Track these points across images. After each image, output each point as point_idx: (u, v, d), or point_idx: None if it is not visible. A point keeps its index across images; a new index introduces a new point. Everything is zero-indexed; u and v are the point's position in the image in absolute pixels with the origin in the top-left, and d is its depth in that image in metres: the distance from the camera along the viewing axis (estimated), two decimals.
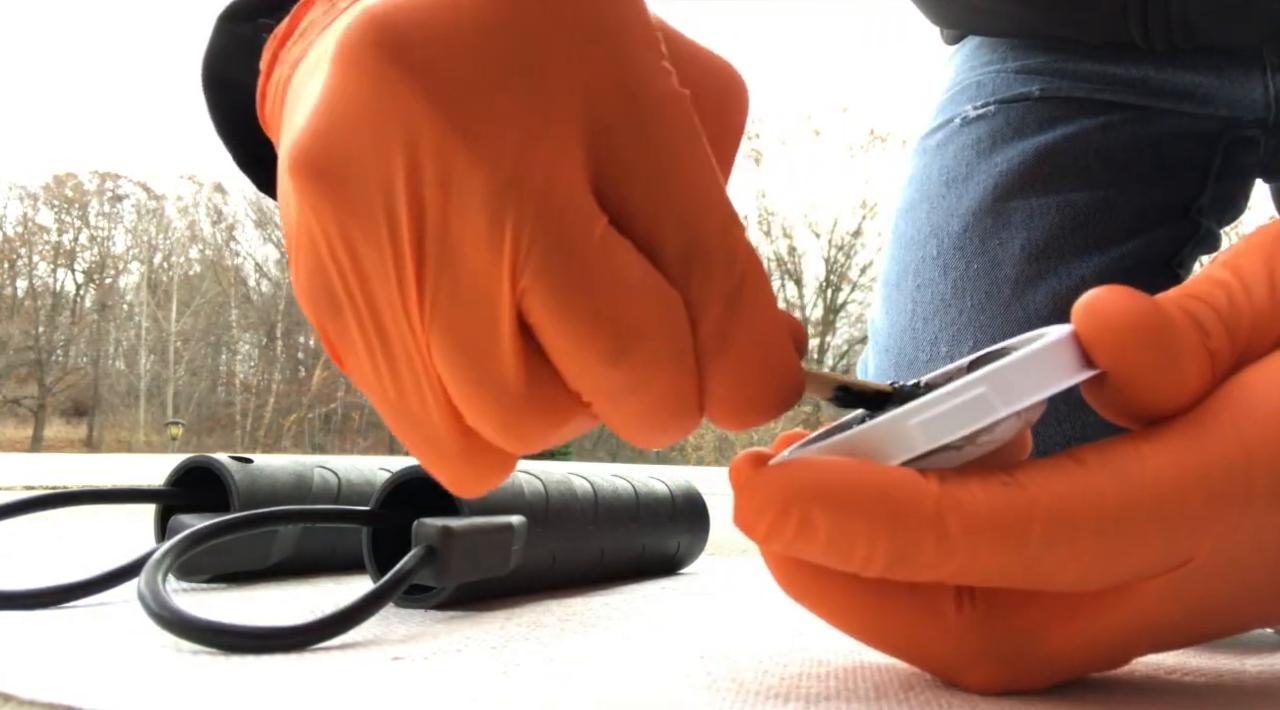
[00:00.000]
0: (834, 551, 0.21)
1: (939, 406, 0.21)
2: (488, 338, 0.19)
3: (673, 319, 0.19)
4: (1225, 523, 0.21)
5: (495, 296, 0.18)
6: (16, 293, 28.69)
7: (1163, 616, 0.23)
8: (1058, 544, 0.21)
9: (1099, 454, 0.22)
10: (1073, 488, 0.21)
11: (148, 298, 29.24)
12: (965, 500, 0.21)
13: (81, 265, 29.62)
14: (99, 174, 30.69)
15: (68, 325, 29.17)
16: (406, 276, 0.19)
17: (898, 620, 0.24)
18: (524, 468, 0.46)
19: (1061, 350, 0.22)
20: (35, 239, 29.50)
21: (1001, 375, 0.21)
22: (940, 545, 0.21)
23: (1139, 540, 0.21)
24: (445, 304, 0.19)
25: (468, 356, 0.19)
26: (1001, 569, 0.21)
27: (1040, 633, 0.23)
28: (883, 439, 0.22)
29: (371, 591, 0.33)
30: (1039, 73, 0.58)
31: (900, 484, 0.21)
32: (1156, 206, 0.55)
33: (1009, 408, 0.21)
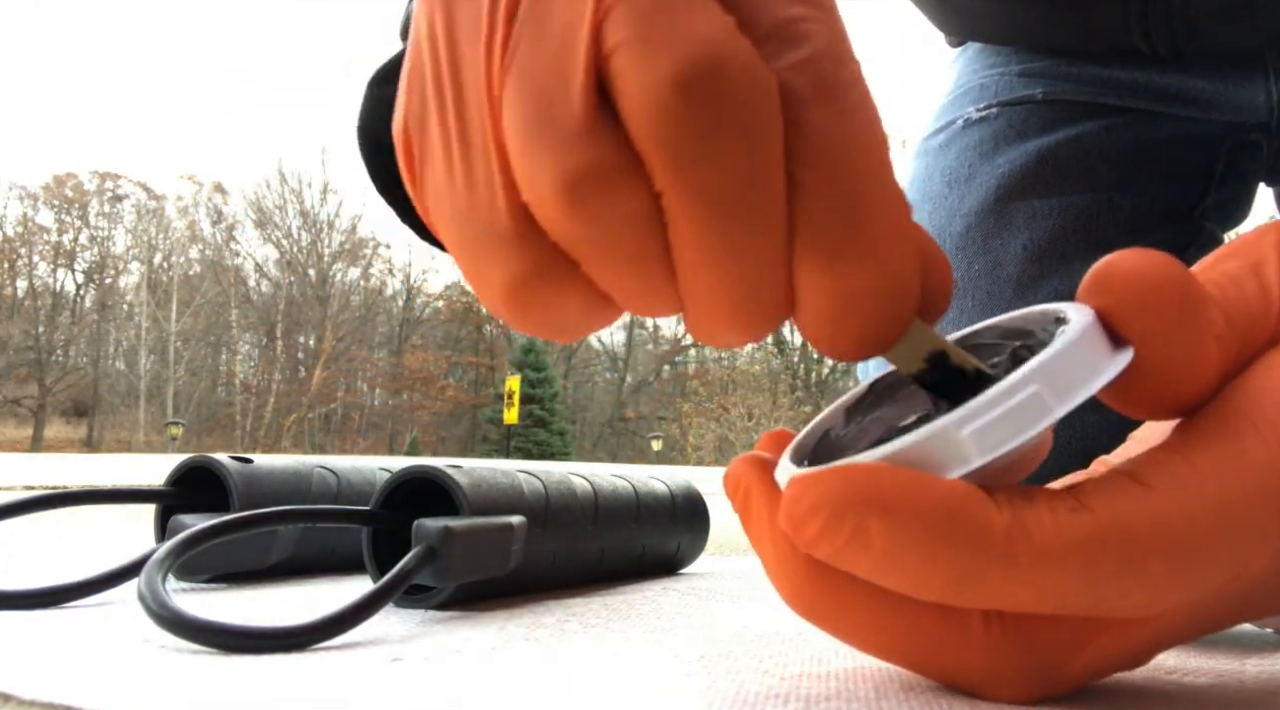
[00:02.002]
0: (888, 568, 0.20)
1: (990, 413, 0.19)
2: (561, 72, 0.18)
3: (755, 85, 0.17)
4: (1275, 532, 0.20)
5: (577, 25, 0.18)
6: (16, 293, 28.71)
7: (1197, 623, 0.23)
8: (1128, 570, 0.20)
9: (1158, 473, 0.21)
10: (1140, 511, 0.20)
11: (148, 298, 29.24)
12: (1034, 527, 0.20)
13: (81, 265, 29.65)
14: (99, 174, 30.70)
15: (68, 325, 29.18)
16: (498, 21, 0.19)
17: (923, 641, 0.23)
18: (524, 468, 0.46)
19: (1095, 331, 0.21)
20: (35, 239, 29.52)
21: (1051, 369, 0.20)
22: (1007, 574, 0.20)
23: (1206, 560, 0.20)
24: (529, 41, 0.18)
25: (537, 95, 0.18)
26: (1069, 598, 0.20)
27: (1071, 649, 0.22)
28: (934, 451, 0.20)
29: (371, 591, 0.32)
30: (1042, 76, 0.58)
31: (968, 505, 0.20)
32: (1159, 209, 0.55)
33: (1065, 405, 0.20)
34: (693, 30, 0.17)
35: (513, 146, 0.18)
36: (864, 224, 0.18)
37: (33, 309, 28.73)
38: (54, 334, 29.10)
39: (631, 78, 0.17)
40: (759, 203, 0.18)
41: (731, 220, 0.18)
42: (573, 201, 0.18)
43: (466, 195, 0.19)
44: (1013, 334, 0.24)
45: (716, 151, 0.17)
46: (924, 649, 0.23)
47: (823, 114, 0.18)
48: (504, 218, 0.19)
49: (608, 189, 0.18)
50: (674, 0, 0.17)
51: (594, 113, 0.18)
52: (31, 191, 29.86)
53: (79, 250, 30.05)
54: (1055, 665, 0.23)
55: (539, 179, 0.18)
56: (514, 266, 0.19)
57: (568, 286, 0.19)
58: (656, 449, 24.82)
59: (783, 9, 0.18)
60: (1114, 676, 0.28)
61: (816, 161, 0.18)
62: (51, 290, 29.68)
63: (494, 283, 0.20)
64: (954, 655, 0.23)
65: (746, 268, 0.18)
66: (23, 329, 28.25)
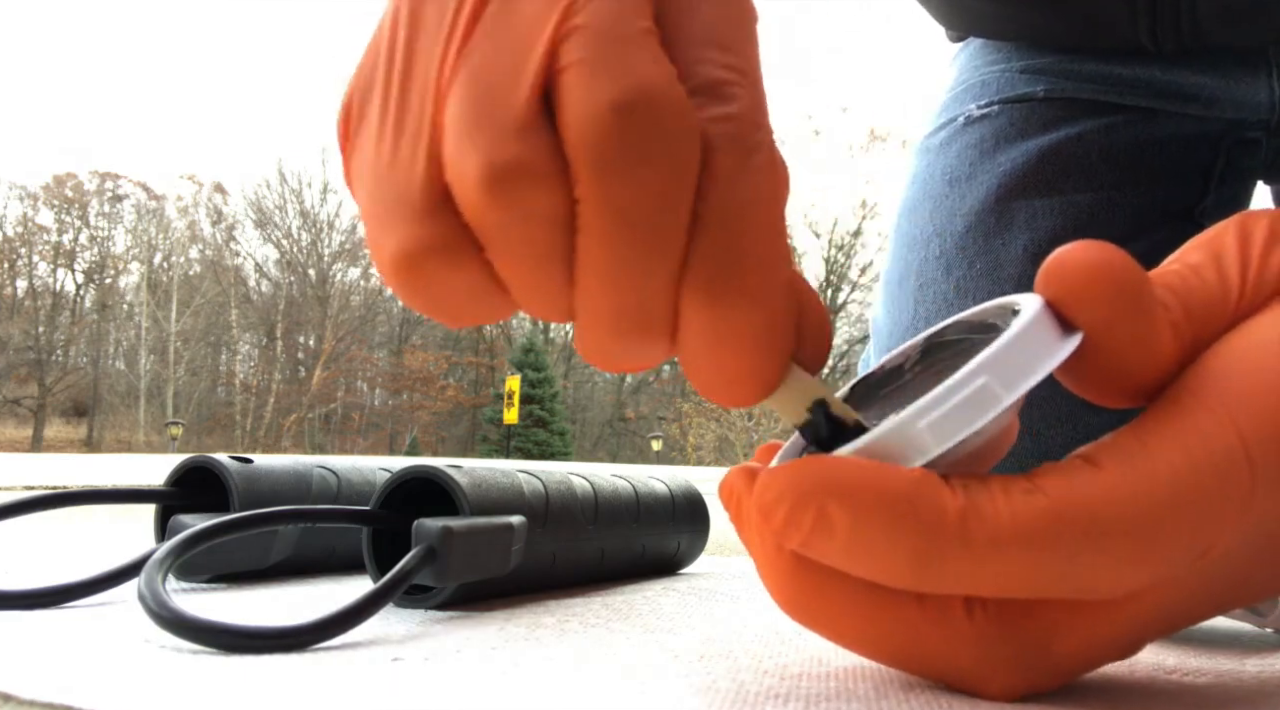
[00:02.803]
0: (852, 553, 0.21)
1: (943, 405, 0.21)
2: (512, 73, 0.20)
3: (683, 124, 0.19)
4: (1237, 506, 0.21)
5: (535, 39, 0.20)
6: (16, 293, 28.70)
7: (1177, 605, 0.23)
8: (1086, 550, 0.21)
9: (1110, 454, 0.22)
10: (1094, 491, 0.21)
11: (148, 298, 29.23)
12: (988, 510, 0.21)
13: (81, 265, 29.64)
14: (99, 174, 30.68)
15: (68, 325, 29.17)
16: (461, 21, 0.20)
17: (907, 635, 0.24)
18: (524, 468, 0.46)
19: (1045, 320, 0.22)
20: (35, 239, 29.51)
21: (998, 360, 0.21)
22: (964, 556, 0.21)
23: (1166, 537, 0.21)
24: (488, 43, 0.20)
25: (486, 89, 0.20)
26: (1031, 579, 0.21)
27: (1055, 633, 0.23)
28: (894, 444, 0.21)
29: (371, 591, 0.32)
30: (1043, 73, 0.58)
31: (923, 490, 0.21)
32: (1159, 208, 0.55)
33: (1013, 394, 0.21)
34: (640, 66, 0.19)
35: (450, 129, 0.20)
36: (748, 267, 0.20)
37: (33, 309, 28.74)
38: (54, 334, 29.10)
39: (577, 93, 0.19)
40: (663, 227, 0.20)
41: (636, 237, 0.19)
42: (495, 188, 0.19)
43: (389, 162, 0.21)
44: (976, 328, 0.25)
45: (637, 172, 0.19)
46: (911, 645, 0.24)
47: (734, 162, 0.20)
48: (417, 187, 0.20)
49: (530, 184, 0.19)
50: (628, 39, 0.20)
51: (534, 114, 0.19)
52: (31, 191, 29.87)
53: (79, 250, 30.06)
54: (1042, 650, 0.23)
55: (468, 161, 0.19)
56: (413, 238, 0.20)
57: (462, 267, 0.20)
58: (656, 449, 24.82)
59: (715, 72, 0.21)
60: (1114, 677, 0.28)
61: (719, 203, 0.20)
62: (51, 290, 29.68)
63: (389, 249, 0.21)
64: (940, 649, 0.24)
65: (639, 284, 0.20)
66: (23, 329, 28.26)
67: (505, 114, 0.19)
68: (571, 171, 0.19)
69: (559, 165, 0.19)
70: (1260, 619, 0.34)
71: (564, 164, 0.19)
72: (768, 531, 0.22)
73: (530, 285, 0.20)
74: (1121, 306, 0.22)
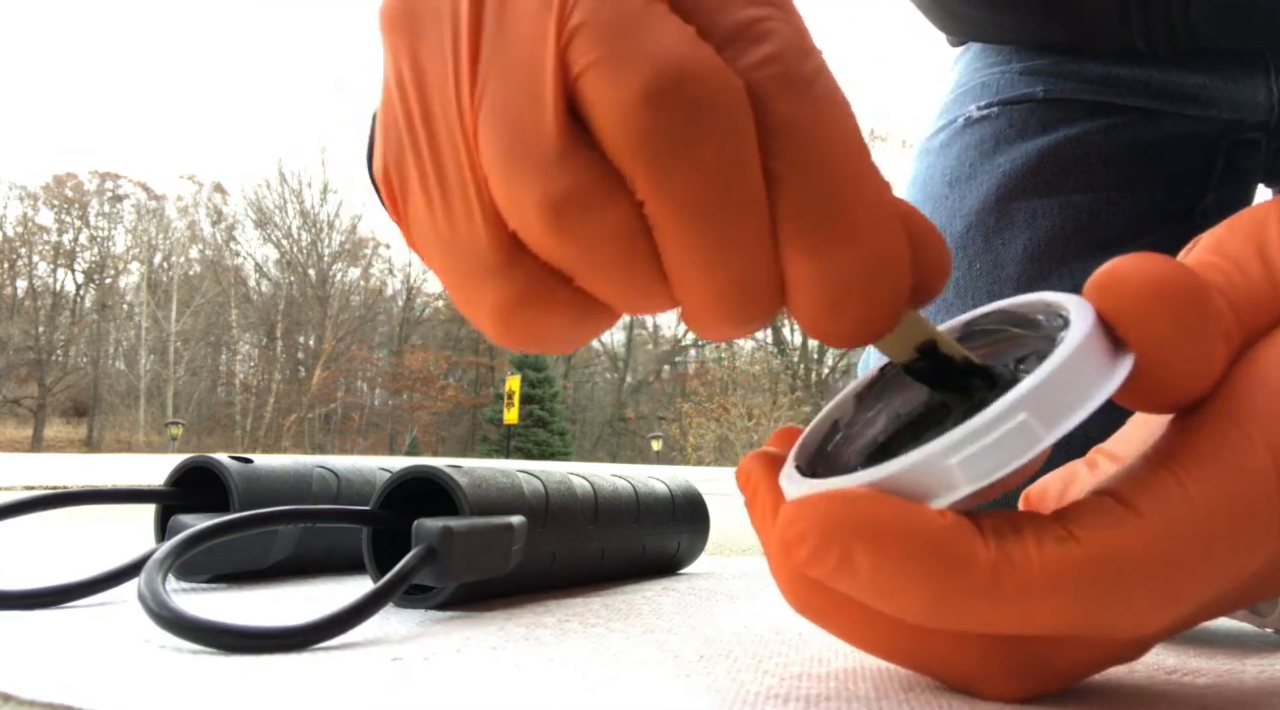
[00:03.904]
0: (876, 594, 0.20)
1: (978, 441, 0.19)
2: (531, 101, 0.18)
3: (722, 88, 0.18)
4: (1267, 532, 0.20)
5: (541, 54, 0.18)
6: (16, 293, 28.69)
7: (1190, 623, 0.23)
8: (1118, 599, 0.20)
9: (1146, 495, 0.20)
10: (1130, 538, 0.20)
11: (148, 298, 29.22)
12: (1019, 560, 0.20)
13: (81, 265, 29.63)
14: (99, 174, 30.67)
15: (68, 325, 29.16)
16: (462, 61, 0.19)
17: (915, 639, 0.23)
18: (524, 468, 0.46)
19: (1092, 344, 0.20)
20: (35, 239, 29.51)
21: (1040, 395, 0.19)
22: (992, 605, 0.20)
23: (1197, 579, 0.20)
24: (496, 75, 0.19)
25: (511, 126, 0.19)
26: (1057, 624, 0.20)
27: (1063, 649, 0.23)
28: (924, 479, 0.20)
29: (371, 591, 0.32)
30: (1043, 74, 0.58)
31: (952, 538, 0.20)
32: (1159, 209, 0.55)
33: (1053, 433, 0.19)
34: (655, 45, 0.18)
35: (493, 178, 0.19)
36: (843, 209, 0.19)
37: (33, 309, 28.73)
38: (54, 334, 29.10)
39: (601, 97, 0.18)
40: (738, 200, 0.18)
41: (713, 220, 0.18)
42: (559, 223, 0.18)
43: (449, 229, 0.20)
44: (1017, 320, 0.24)
45: (691, 157, 0.18)
46: (916, 647, 0.24)
47: (791, 106, 0.19)
48: (487, 247, 0.20)
49: (591, 207, 0.18)
50: (633, 18, 0.18)
51: (568, 135, 0.18)
52: (31, 191, 29.86)
53: (79, 250, 30.06)
54: (1048, 659, 0.23)
55: (523, 206, 0.19)
56: (502, 293, 0.20)
57: (558, 303, 0.20)
58: (656, 449, 24.81)
59: (741, 11, 0.19)
60: (1114, 676, 0.28)
61: (790, 153, 0.19)
62: (51, 290, 29.68)
63: (485, 310, 0.20)
64: (946, 653, 0.23)
65: (733, 263, 0.19)
66: (23, 329, 28.25)
67: (539, 146, 0.18)
68: (625, 177, 0.18)
69: (611, 176, 0.18)
70: (1260, 619, 0.34)
71: (615, 172, 0.18)
72: (787, 561, 0.21)
73: (628, 296, 0.20)
74: (1182, 327, 0.21)
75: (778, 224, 0.19)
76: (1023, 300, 0.24)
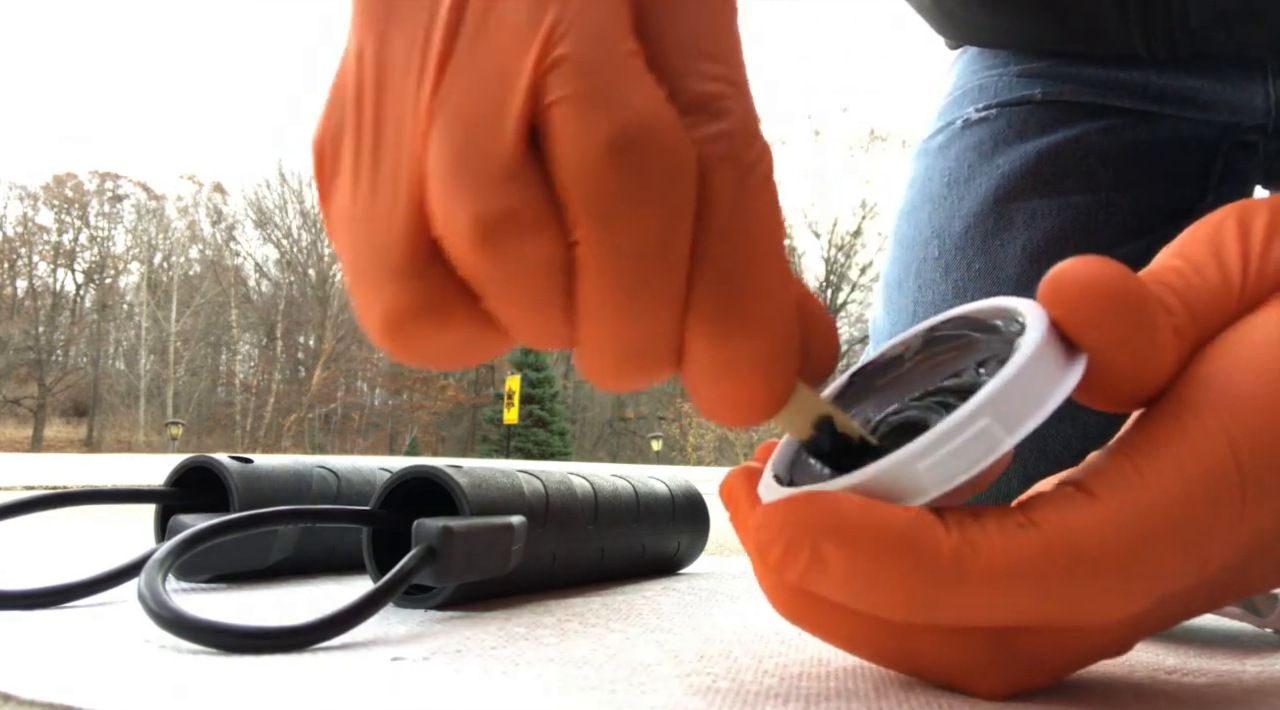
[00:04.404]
0: (848, 590, 0.21)
1: (943, 447, 0.21)
2: (495, 113, 0.18)
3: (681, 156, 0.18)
4: (1232, 520, 0.21)
5: (516, 72, 0.18)
6: (16, 293, 28.67)
7: (1171, 610, 0.23)
8: (1081, 582, 0.20)
9: (1104, 482, 0.21)
10: (1089, 523, 0.20)
11: (148, 298, 29.20)
12: (983, 547, 0.21)
13: (81, 265, 29.61)
14: (99, 174, 30.65)
15: (68, 325, 29.15)
16: (430, 57, 0.19)
17: (900, 641, 0.24)
18: (524, 468, 0.46)
19: (1046, 349, 0.21)
20: (35, 239, 29.49)
21: (1000, 401, 0.21)
22: (959, 592, 0.21)
23: (1162, 563, 0.21)
24: (464, 81, 0.19)
25: (468, 131, 0.18)
26: (1025, 612, 0.21)
27: (1046, 642, 0.23)
28: (891, 483, 0.21)
29: (371, 591, 0.33)
30: (1041, 76, 0.58)
31: (917, 530, 0.21)
32: (1158, 210, 0.55)
33: (1014, 436, 0.21)
34: (630, 98, 0.18)
35: (434, 180, 0.19)
36: (752, 295, 0.19)
37: (33, 309, 28.72)
38: (54, 334, 29.09)
39: (568, 133, 0.18)
40: (666, 264, 0.19)
41: (638, 277, 0.18)
42: (488, 241, 0.18)
43: (368, 218, 0.20)
44: (976, 325, 0.25)
45: (636, 213, 0.18)
46: (901, 647, 0.24)
47: (731, 186, 0.19)
48: (401, 247, 0.19)
49: (524, 232, 0.18)
50: (615, 67, 0.18)
51: (522, 158, 0.18)
52: (31, 191, 29.85)
53: (79, 250, 30.05)
54: (1033, 654, 0.23)
55: (457, 216, 0.18)
56: (401, 298, 0.19)
57: (455, 320, 0.20)
58: (656, 449, 24.81)
59: (705, 84, 0.20)
60: (1114, 676, 0.28)
61: (719, 230, 0.19)
62: (51, 290, 29.67)
63: (377, 312, 0.20)
64: (931, 653, 0.24)
65: (642, 322, 0.19)
66: (23, 329, 28.25)
67: (492, 160, 0.18)
68: (567, 214, 0.18)
69: (553, 209, 0.18)
70: (1260, 619, 0.34)
71: (557, 207, 0.18)
72: (762, 564, 0.22)
73: (530, 328, 0.20)
74: (1126, 325, 0.22)
75: (690, 295, 0.19)
76: (981, 306, 0.25)
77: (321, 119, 0.21)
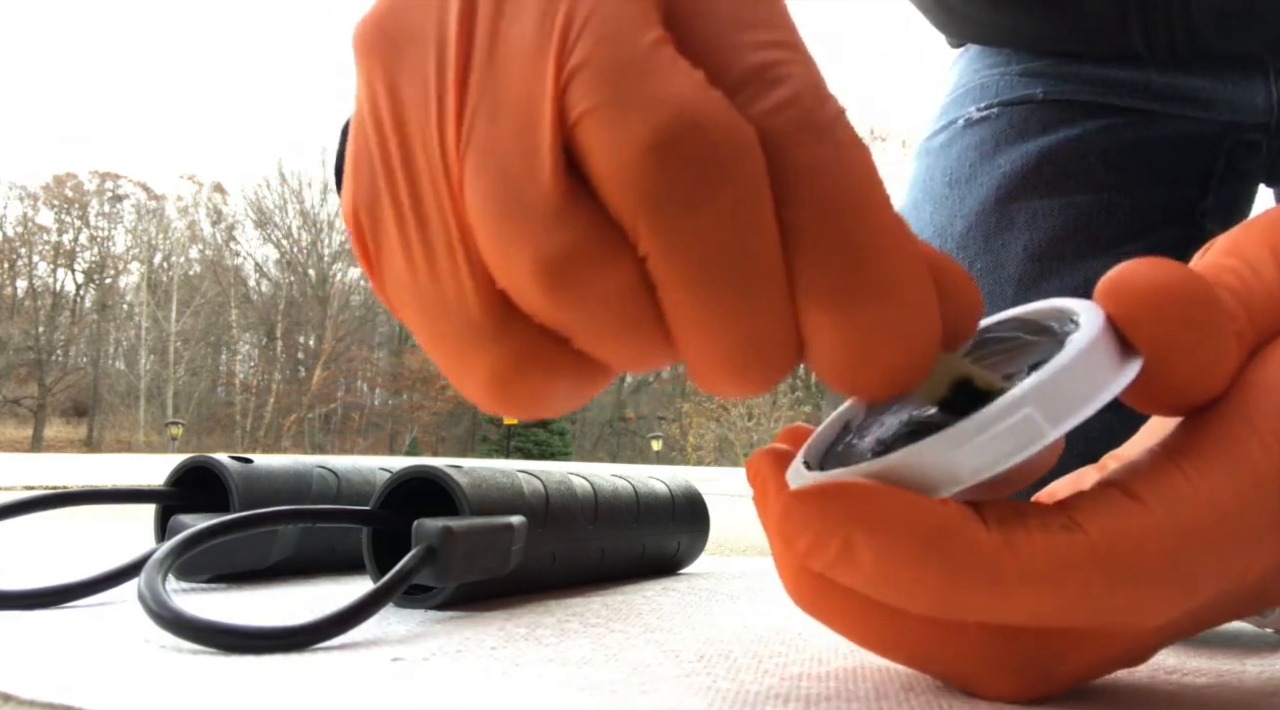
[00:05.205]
0: (879, 584, 0.20)
1: (983, 434, 0.19)
2: (525, 149, 0.17)
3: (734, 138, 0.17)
4: (1276, 532, 0.20)
5: (536, 94, 0.17)
6: (16, 293, 28.69)
7: (1199, 624, 0.23)
8: (1123, 589, 0.20)
9: (1153, 487, 0.20)
10: (1134, 530, 0.20)
11: (148, 298, 29.22)
12: (1023, 547, 0.20)
13: (81, 265, 29.63)
14: (99, 174, 30.68)
15: (68, 325, 29.16)
16: (447, 95, 0.18)
17: (920, 640, 0.23)
18: (524, 468, 0.46)
19: (1100, 345, 0.20)
20: (35, 239, 29.50)
21: (1046, 391, 0.19)
22: (995, 593, 0.20)
23: (1203, 574, 0.20)
24: (485, 114, 0.17)
25: (502, 176, 0.17)
26: (1061, 615, 0.20)
27: (1068, 650, 0.23)
28: (927, 470, 0.20)
29: (371, 591, 0.32)
30: (1042, 75, 0.58)
31: (955, 525, 0.20)
32: (1159, 209, 0.55)
33: (1058, 429, 0.19)
34: (662, 90, 0.17)
35: (481, 233, 0.17)
36: (869, 259, 0.18)
37: (33, 309, 28.73)
38: (54, 334, 29.10)
39: (602, 146, 0.17)
40: (751, 257, 0.17)
41: (724, 279, 0.17)
42: (555, 285, 0.17)
43: (432, 287, 0.18)
44: (1030, 327, 0.24)
45: (699, 211, 0.17)
46: (919, 646, 0.23)
47: (810, 152, 0.17)
48: (478, 310, 0.18)
49: (590, 266, 0.17)
50: (639, 61, 0.17)
51: (565, 188, 0.17)
52: (31, 191, 29.86)
53: (79, 250, 30.05)
54: (1049, 661, 0.23)
55: (515, 266, 0.17)
56: (498, 360, 0.18)
57: (559, 366, 0.19)
58: (656, 449, 24.81)
59: (755, 55, 0.18)
60: (1114, 676, 0.28)
61: (810, 201, 0.17)
62: (51, 290, 29.67)
63: (480, 378, 0.19)
64: (948, 652, 0.23)
65: (745, 324, 0.17)
66: (23, 329, 28.25)
67: (533, 200, 0.17)
68: (627, 233, 0.17)
69: (612, 233, 0.17)
70: (1260, 619, 0.34)
71: (616, 228, 0.17)
72: (788, 552, 0.21)
73: (629, 356, 0.18)
74: (1192, 329, 0.20)
75: (795, 277, 0.18)
76: (1036, 307, 0.24)
77: (351, 188, 0.20)
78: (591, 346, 0.18)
